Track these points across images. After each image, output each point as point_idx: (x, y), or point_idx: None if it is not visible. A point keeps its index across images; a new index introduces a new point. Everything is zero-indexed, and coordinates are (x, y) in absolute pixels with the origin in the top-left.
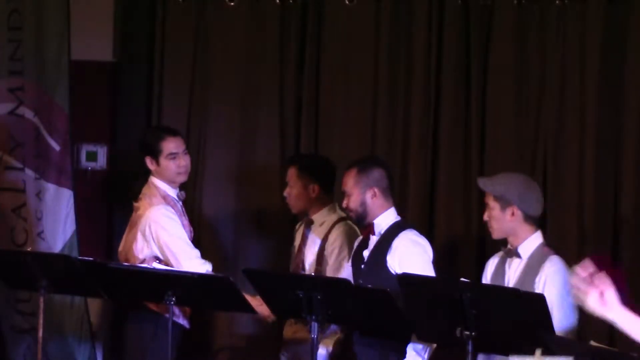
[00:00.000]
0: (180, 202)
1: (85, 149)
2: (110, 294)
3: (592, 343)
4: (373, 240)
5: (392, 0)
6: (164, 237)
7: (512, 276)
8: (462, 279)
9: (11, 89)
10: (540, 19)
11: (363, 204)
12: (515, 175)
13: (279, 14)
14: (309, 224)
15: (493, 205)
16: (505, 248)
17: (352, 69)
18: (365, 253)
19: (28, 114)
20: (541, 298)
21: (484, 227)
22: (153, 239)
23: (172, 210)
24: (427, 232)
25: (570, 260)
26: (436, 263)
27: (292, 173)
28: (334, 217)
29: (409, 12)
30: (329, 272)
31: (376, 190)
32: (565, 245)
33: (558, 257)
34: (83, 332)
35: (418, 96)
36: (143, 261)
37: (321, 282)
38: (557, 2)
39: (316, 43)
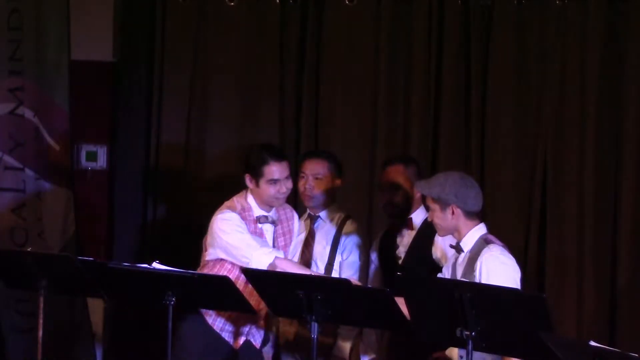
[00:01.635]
0: (272, 224)
1: (85, 149)
2: (110, 294)
3: (592, 343)
4: (409, 234)
5: (392, 0)
6: (224, 238)
7: (459, 270)
8: (462, 279)
9: (11, 89)
10: (540, 19)
11: (410, 199)
12: (451, 174)
13: (279, 14)
14: (314, 219)
15: (433, 207)
16: (455, 245)
17: (352, 69)
18: (402, 249)
19: (28, 114)
20: (541, 298)
21: None
22: (216, 244)
23: (236, 216)
24: None
25: (570, 260)
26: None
27: (323, 165)
28: (341, 214)
29: (409, 12)
30: (344, 269)
31: None
32: (565, 244)
33: (496, 246)
34: (83, 332)
35: (418, 96)
36: (207, 263)
37: (321, 282)
38: (557, 2)
39: (316, 43)
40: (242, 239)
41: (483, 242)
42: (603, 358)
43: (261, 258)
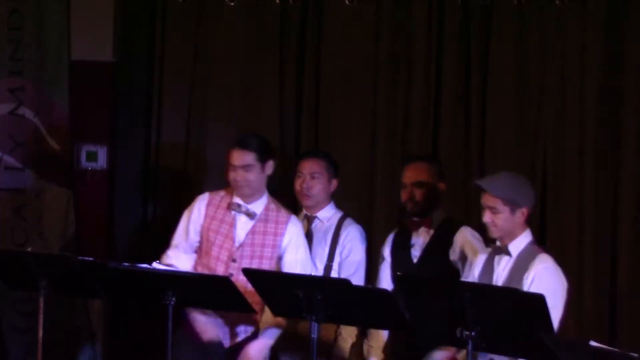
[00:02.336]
0: (248, 217)
1: (85, 149)
2: (110, 294)
3: (592, 343)
4: (426, 233)
5: (392, 0)
6: None
7: (500, 274)
8: (462, 279)
9: (11, 89)
10: (540, 19)
11: (435, 198)
12: (513, 175)
13: (279, 14)
14: (311, 220)
15: (502, 209)
16: (494, 245)
17: (352, 69)
18: (417, 247)
19: (28, 114)
20: (541, 298)
21: (483, 226)
22: None
23: (200, 200)
24: None
25: (570, 260)
26: None
27: (320, 164)
28: (338, 214)
29: (409, 12)
30: (343, 269)
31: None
32: (565, 245)
33: (547, 255)
34: (83, 332)
35: (418, 96)
36: None
37: (321, 282)
38: (557, 2)
39: (316, 43)
40: (180, 225)
41: (532, 249)
42: (603, 358)
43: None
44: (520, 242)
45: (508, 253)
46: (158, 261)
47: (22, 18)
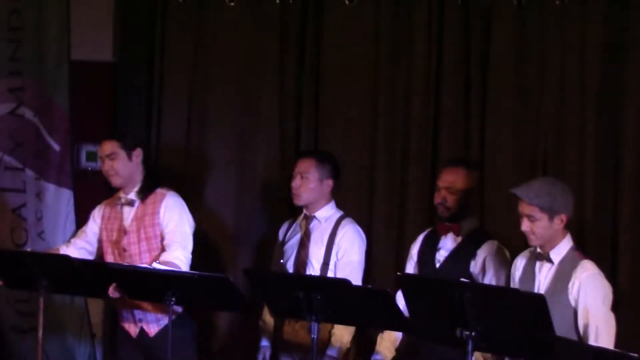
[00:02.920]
0: (129, 205)
1: (85, 149)
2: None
3: (592, 343)
4: (454, 240)
5: (392, 0)
6: None
7: (542, 281)
8: (462, 279)
9: (11, 89)
10: (540, 19)
11: (468, 205)
12: (550, 180)
13: (279, 14)
14: (310, 219)
15: (540, 217)
16: (534, 249)
17: (352, 69)
18: (443, 253)
19: (28, 114)
20: (541, 298)
21: (485, 226)
22: None
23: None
24: None
25: None
26: None
27: (309, 164)
28: (337, 214)
29: (409, 12)
30: (339, 269)
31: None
32: None
33: (589, 262)
34: (83, 332)
35: (418, 96)
36: None
37: (321, 282)
38: (557, 2)
39: (316, 43)
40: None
41: (574, 256)
42: (603, 358)
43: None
44: (562, 248)
45: (549, 260)
46: (158, 261)
47: (22, 18)
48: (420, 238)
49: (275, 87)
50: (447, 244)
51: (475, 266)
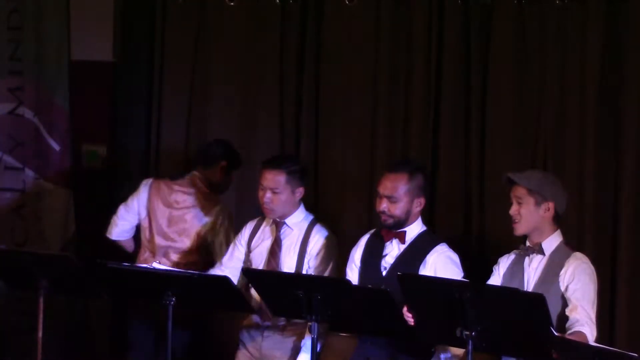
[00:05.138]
0: None
1: (85, 149)
2: (110, 294)
3: (592, 343)
4: (399, 246)
5: (392, 0)
6: None
7: (532, 274)
8: (462, 279)
9: (11, 89)
10: (540, 19)
11: (408, 212)
12: (545, 172)
13: (279, 13)
14: (280, 225)
15: (527, 200)
16: (523, 246)
17: (352, 69)
18: (389, 259)
19: (28, 113)
20: (541, 298)
21: (483, 226)
22: None
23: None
24: None
25: None
26: None
27: (279, 180)
28: (308, 218)
29: (409, 12)
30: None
31: (422, 200)
32: None
33: (582, 254)
34: (83, 332)
35: (418, 96)
36: None
37: (321, 282)
38: (557, 2)
39: (316, 43)
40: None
41: (566, 248)
42: (603, 358)
43: None
44: (553, 241)
45: (541, 251)
46: (158, 261)
47: (21, 18)
48: (362, 242)
49: (275, 87)
50: (394, 251)
51: (425, 271)
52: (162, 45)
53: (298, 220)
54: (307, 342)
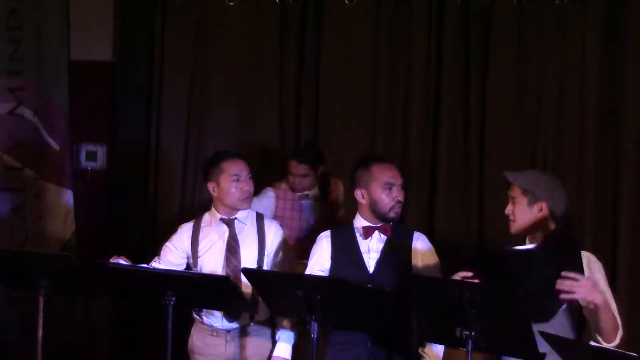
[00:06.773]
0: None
1: (85, 149)
2: (110, 294)
3: (592, 343)
4: (378, 241)
5: (392, 0)
6: None
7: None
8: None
9: (11, 88)
10: (540, 19)
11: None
12: (543, 172)
13: (279, 13)
14: (230, 223)
15: (520, 199)
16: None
17: (352, 69)
18: (373, 255)
19: (27, 113)
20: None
21: (483, 226)
22: None
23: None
24: (427, 230)
25: None
26: None
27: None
28: (252, 212)
29: (409, 12)
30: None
31: None
32: None
33: (587, 252)
34: (83, 332)
35: (418, 96)
36: None
37: (321, 282)
38: (557, 2)
39: (316, 43)
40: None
41: None
42: (603, 358)
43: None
44: None
45: None
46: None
47: (21, 18)
48: (324, 245)
49: (275, 87)
50: (375, 245)
51: (417, 261)
52: (162, 45)
53: (245, 214)
54: (281, 334)
